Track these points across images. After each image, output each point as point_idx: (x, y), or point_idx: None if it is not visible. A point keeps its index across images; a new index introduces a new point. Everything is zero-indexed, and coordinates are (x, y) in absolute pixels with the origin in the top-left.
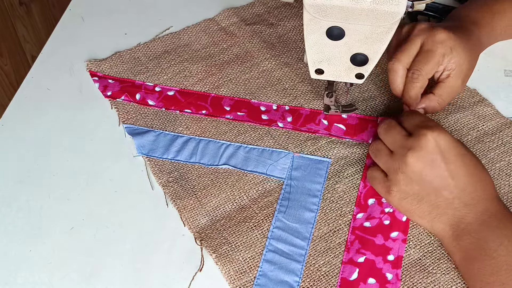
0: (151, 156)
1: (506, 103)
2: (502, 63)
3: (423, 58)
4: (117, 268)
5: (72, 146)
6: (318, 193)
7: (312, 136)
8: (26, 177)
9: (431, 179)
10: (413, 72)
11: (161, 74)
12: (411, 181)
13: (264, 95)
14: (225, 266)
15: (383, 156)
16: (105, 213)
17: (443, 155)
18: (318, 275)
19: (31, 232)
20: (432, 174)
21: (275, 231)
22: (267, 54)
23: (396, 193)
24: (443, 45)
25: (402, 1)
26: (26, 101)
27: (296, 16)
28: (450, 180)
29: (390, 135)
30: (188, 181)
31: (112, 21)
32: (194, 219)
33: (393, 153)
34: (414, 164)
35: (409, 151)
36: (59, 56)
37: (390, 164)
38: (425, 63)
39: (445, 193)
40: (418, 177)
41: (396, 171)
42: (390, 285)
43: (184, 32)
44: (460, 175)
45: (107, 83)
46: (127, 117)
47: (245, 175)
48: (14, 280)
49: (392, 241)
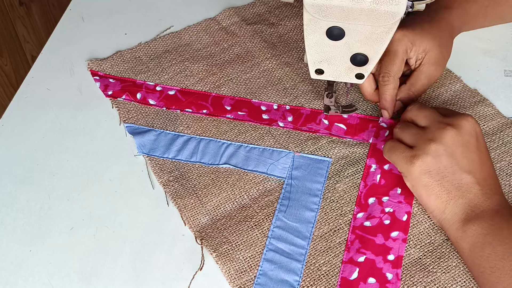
0: (151, 155)
1: (506, 103)
2: (502, 63)
3: (388, 60)
4: (117, 268)
5: (72, 146)
6: (318, 193)
7: (312, 135)
8: (26, 177)
9: (462, 159)
10: (382, 76)
11: (162, 74)
12: (442, 155)
13: (265, 95)
14: (225, 265)
15: (412, 129)
16: (105, 213)
17: (477, 141)
18: (318, 274)
19: (31, 232)
20: (465, 155)
21: (275, 230)
22: (268, 54)
23: (421, 164)
24: (401, 42)
25: (402, 1)
26: (26, 101)
27: (297, 16)
28: (478, 166)
29: (425, 113)
30: (189, 180)
31: (112, 21)
32: (195, 218)
33: (426, 128)
34: (451, 138)
35: (448, 126)
36: (59, 56)
37: (421, 135)
38: (391, 64)
39: (470, 177)
40: (450, 153)
41: (428, 142)
42: (390, 285)
43: (185, 32)
44: (488, 165)
45: (108, 83)
46: (128, 117)
47: (245, 175)
48: (14, 280)
49: (392, 240)
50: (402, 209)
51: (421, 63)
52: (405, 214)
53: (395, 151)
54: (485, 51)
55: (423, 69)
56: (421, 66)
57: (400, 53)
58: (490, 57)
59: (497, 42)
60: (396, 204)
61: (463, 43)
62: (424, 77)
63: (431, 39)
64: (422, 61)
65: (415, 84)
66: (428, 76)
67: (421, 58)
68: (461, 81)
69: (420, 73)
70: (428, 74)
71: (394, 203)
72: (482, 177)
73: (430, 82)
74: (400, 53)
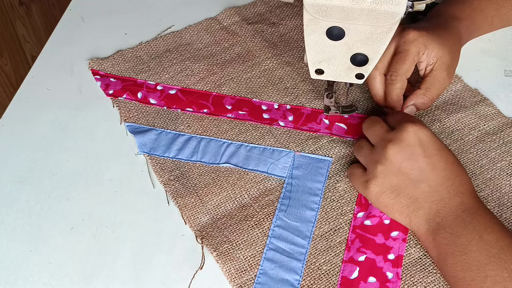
0: (152, 154)
1: (506, 103)
2: (502, 63)
3: (398, 59)
4: (117, 268)
5: (72, 146)
6: (319, 192)
7: (313, 135)
8: (26, 177)
9: (410, 172)
10: (391, 74)
11: (162, 73)
12: (390, 173)
13: (266, 94)
14: (225, 265)
15: (364, 150)
16: (105, 213)
17: (423, 149)
18: (318, 273)
19: (31, 232)
20: (411, 167)
21: (276, 229)
22: (268, 53)
23: (374, 187)
24: (415, 43)
25: (402, 1)
26: (26, 101)
27: (298, 16)
28: (429, 173)
29: (372, 130)
30: (189, 179)
31: (112, 21)
32: (195, 218)
33: (374, 147)
34: (394, 156)
35: (389, 143)
36: (59, 56)
37: (370, 157)
38: (401, 63)
39: (423, 186)
40: (397, 169)
41: (375, 164)
42: (391, 284)
43: (186, 31)
44: (439, 169)
45: (109, 82)
46: (129, 116)
47: (246, 174)
48: (14, 280)
49: (393, 240)
50: None
51: (433, 68)
52: None
53: (352, 177)
54: (485, 51)
55: (437, 74)
56: (433, 71)
57: (412, 53)
58: (490, 57)
59: (497, 42)
60: None
61: None
62: (438, 83)
63: (443, 45)
64: (434, 67)
65: (430, 89)
66: (443, 83)
67: (432, 64)
68: (462, 81)
69: (434, 78)
70: (442, 79)
71: None
72: (436, 182)
73: (444, 88)
74: (412, 53)
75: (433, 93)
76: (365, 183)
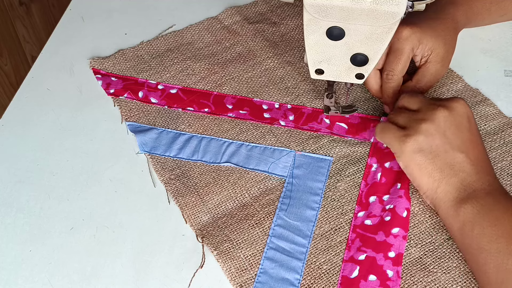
0: (153, 153)
1: (506, 103)
2: (502, 63)
3: (393, 58)
4: (117, 268)
5: (72, 146)
6: (319, 191)
7: (314, 134)
8: (26, 177)
9: (454, 139)
10: (387, 74)
11: (164, 72)
12: (434, 134)
13: (267, 94)
14: (226, 264)
15: (405, 113)
16: (105, 213)
17: (469, 123)
18: (319, 273)
19: (31, 232)
20: (457, 135)
21: (276, 229)
22: (269, 53)
23: (413, 143)
24: (408, 41)
25: (402, 1)
26: (26, 101)
27: (299, 15)
28: (470, 145)
29: (416, 98)
30: (190, 178)
31: (112, 21)
32: (196, 217)
33: (418, 110)
34: (443, 118)
35: (439, 107)
36: (59, 56)
37: (413, 116)
38: (396, 63)
39: (462, 156)
40: (442, 132)
41: (420, 122)
42: (391, 282)
43: (187, 31)
44: (479, 145)
45: (110, 81)
46: (130, 115)
47: (246, 173)
48: (14, 280)
49: (393, 237)
50: (402, 204)
51: (427, 60)
52: (405, 210)
53: (387, 131)
54: (485, 51)
55: (429, 66)
56: (427, 63)
57: (406, 51)
58: (490, 57)
59: (497, 42)
60: (396, 199)
61: (464, 43)
62: (430, 75)
63: (438, 37)
64: (428, 59)
65: (421, 81)
66: (434, 74)
67: (426, 56)
68: (463, 81)
69: (426, 71)
70: (434, 71)
71: (395, 198)
72: (474, 157)
73: (436, 79)
74: (407, 51)
75: (424, 84)
76: (403, 137)
